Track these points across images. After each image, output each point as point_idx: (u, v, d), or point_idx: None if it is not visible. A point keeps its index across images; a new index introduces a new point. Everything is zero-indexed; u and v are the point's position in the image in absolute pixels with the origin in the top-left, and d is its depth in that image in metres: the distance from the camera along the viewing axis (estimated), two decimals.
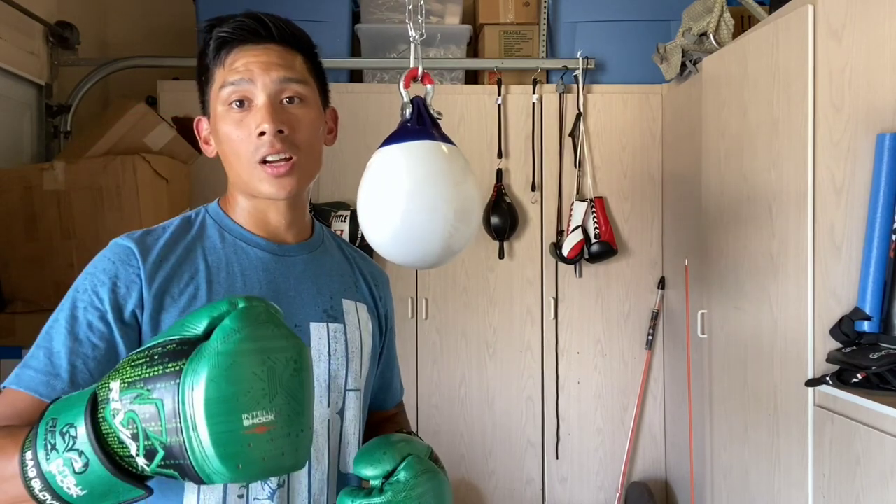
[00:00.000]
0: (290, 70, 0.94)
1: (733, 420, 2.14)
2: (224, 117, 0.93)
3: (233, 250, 0.96)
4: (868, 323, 1.62)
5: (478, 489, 2.95)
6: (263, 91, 0.92)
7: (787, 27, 1.82)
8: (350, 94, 2.88)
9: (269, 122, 0.90)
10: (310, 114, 0.96)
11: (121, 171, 2.23)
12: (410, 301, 2.91)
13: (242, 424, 0.59)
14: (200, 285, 0.91)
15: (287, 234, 1.01)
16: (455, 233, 1.22)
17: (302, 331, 0.96)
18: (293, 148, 0.92)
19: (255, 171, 0.92)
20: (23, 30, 2.59)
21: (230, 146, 0.94)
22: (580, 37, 3.00)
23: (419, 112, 1.28)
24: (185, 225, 0.98)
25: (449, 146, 1.24)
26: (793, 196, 1.79)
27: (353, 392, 1.00)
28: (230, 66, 0.93)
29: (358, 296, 1.06)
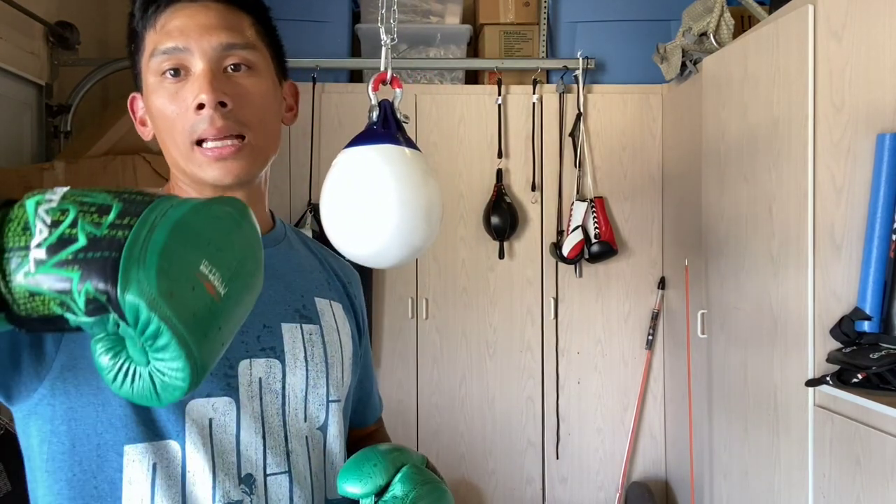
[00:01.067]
0: (235, 33, 0.79)
1: (733, 420, 2.14)
2: (156, 89, 0.78)
3: None
4: (868, 323, 1.62)
5: (478, 489, 2.95)
6: (202, 58, 0.77)
7: (787, 27, 1.82)
8: (350, 94, 2.88)
9: (207, 91, 0.75)
10: (260, 84, 0.81)
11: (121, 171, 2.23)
12: (410, 301, 2.91)
13: (199, 267, 0.49)
14: None
15: None
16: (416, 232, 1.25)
17: (273, 332, 0.82)
18: (239, 125, 0.78)
19: (192, 154, 0.78)
20: (23, 30, 2.59)
21: (164, 123, 0.79)
22: (580, 37, 3.00)
23: (385, 115, 1.33)
24: None
25: (412, 151, 1.29)
26: (793, 196, 1.79)
27: (335, 403, 0.86)
28: (162, 29, 0.78)
29: (332, 294, 0.93)
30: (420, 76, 3.02)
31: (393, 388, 2.89)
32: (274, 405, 0.80)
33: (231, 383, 0.77)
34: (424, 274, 2.93)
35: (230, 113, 0.77)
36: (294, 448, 0.81)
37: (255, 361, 0.79)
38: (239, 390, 0.77)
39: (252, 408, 0.78)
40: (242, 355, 0.78)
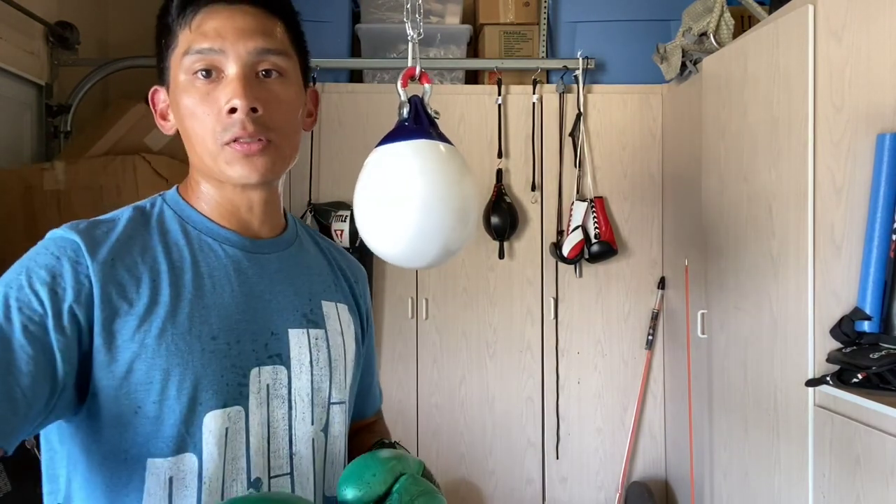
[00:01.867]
0: (270, 39, 0.80)
1: (733, 420, 2.14)
2: (187, 88, 0.79)
3: (198, 246, 0.82)
4: (868, 323, 1.62)
5: (478, 489, 2.95)
6: (236, 62, 0.78)
7: (787, 27, 1.82)
8: (350, 94, 2.88)
9: (241, 97, 0.77)
10: (289, 91, 0.83)
11: (121, 171, 2.23)
12: (410, 301, 2.91)
13: None
14: (162, 290, 0.77)
15: (261, 227, 0.87)
16: (452, 233, 1.22)
17: (280, 339, 0.84)
18: (266, 130, 0.79)
19: (221, 153, 0.79)
20: (23, 30, 2.59)
21: (193, 123, 0.79)
22: (580, 37, 3.00)
23: (417, 111, 1.29)
24: (140, 216, 0.84)
25: (446, 145, 1.25)
26: (793, 196, 1.79)
27: (337, 405, 0.89)
28: (197, 28, 0.79)
29: (338, 296, 0.95)
30: None
31: (393, 388, 2.89)
32: (280, 410, 0.82)
33: (243, 392, 0.79)
34: (424, 274, 2.93)
35: (259, 118, 0.78)
36: (298, 450, 0.83)
37: (262, 369, 0.81)
38: (249, 398, 0.79)
39: (260, 414, 0.80)
40: (252, 364, 0.80)
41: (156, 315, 0.75)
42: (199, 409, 0.75)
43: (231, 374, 0.78)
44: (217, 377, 0.77)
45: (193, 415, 0.75)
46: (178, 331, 0.76)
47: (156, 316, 0.75)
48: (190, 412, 0.74)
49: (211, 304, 0.79)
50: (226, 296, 0.80)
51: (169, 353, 0.74)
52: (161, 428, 0.74)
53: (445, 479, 2.91)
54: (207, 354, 0.76)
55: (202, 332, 0.77)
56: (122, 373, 0.73)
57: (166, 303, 0.76)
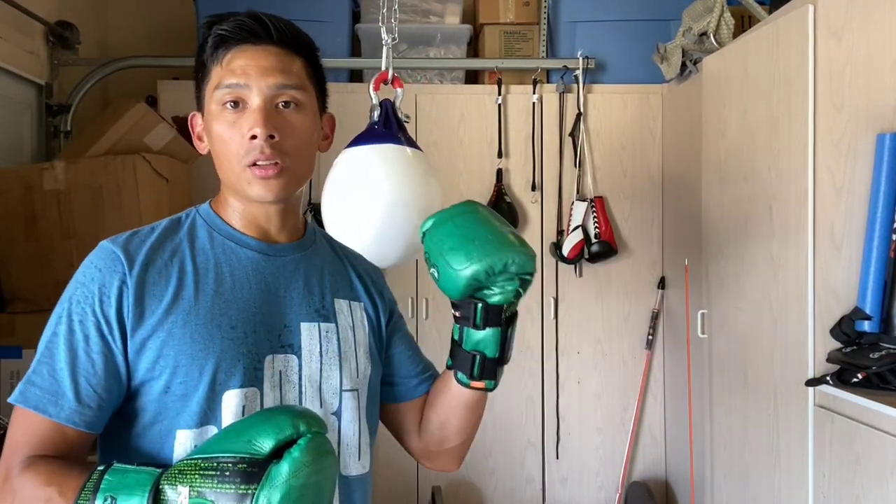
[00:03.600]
0: (288, 75, 0.92)
1: (733, 420, 2.14)
2: (217, 117, 0.92)
3: (222, 251, 0.95)
4: (868, 323, 1.62)
5: (478, 489, 2.95)
6: (259, 95, 0.90)
7: (787, 27, 1.82)
8: (350, 94, 2.88)
9: (261, 126, 0.89)
10: (304, 120, 0.94)
11: (121, 171, 2.23)
12: (410, 301, 2.91)
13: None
14: (187, 286, 0.90)
15: (279, 234, 0.99)
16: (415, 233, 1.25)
17: (293, 331, 0.95)
18: (282, 154, 0.91)
19: (243, 174, 0.91)
20: (23, 30, 2.59)
21: (221, 146, 0.92)
22: (580, 37, 2.99)
23: (387, 115, 1.32)
24: (174, 226, 0.97)
25: (413, 150, 1.28)
26: (793, 196, 1.79)
27: (349, 392, 0.98)
28: (227, 66, 0.92)
29: (352, 294, 1.05)
30: (420, 76, 3.02)
31: None
32: (292, 394, 0.93)
33: (258, 375, 0.90)
34: (424, 274, 2.92)
35: (276, 144, 0.90)
36: None
37: (276, 357, 0.92)
38: (264, 381, 0.90)
39: (273, 396, 0.91)
40: (267, 351, 0.92)
41: (181, 308, 0.88)
42: (218, 388, 0.87)
43: (248, 359, 0.89)
44: (235, 361, 0.88)
45: (214, 393, 0.86)
46: (201, 321, 0.88)
47: (181, 309, 0.88)
48: (211, 391, 0.86)
49: (231, 299, 0.91)
50: (244, 292, 0.92)
51: (193, 339, 0.86)
52: (188, 404, 0.85)
53: (446, 479, 2.91)
54: (227, 342, 0.88)
55: (222, 322, 0.89)
56: (154, 357, 0.85)
57: (190, 297, 0.89)
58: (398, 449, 1.14)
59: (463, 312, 0.99)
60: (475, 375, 1.01)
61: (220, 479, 0.69)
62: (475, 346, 0.99)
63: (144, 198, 2.24)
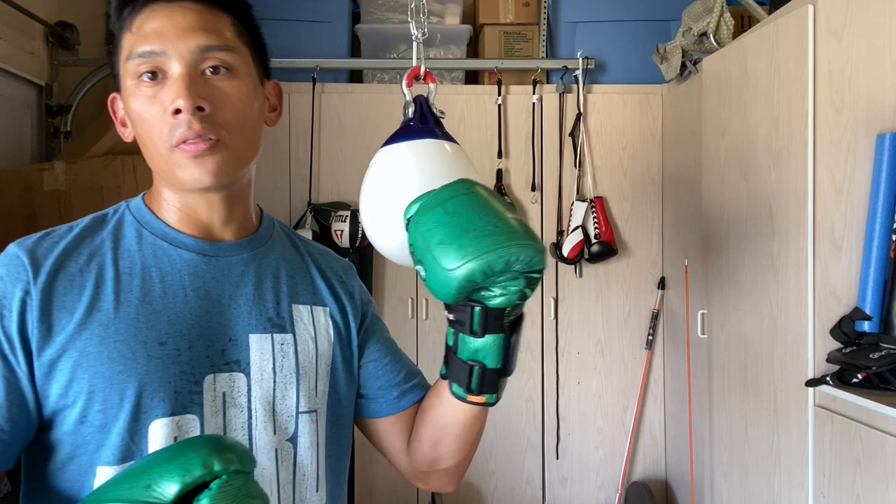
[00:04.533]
0: (214, 35, 0.78)
1: (733, 420, 2.14)
2: (134, 93, 0.78)
3: (151, 252, 0.81)
4: (868, 323, 1.62)
5: (478, 489, 2.95)
6: (179, 61, 0.76)
7: (787, 27, 1.82)
8: (350, 94, 2.88)
9: (184, 97, 0.74)
10: (239, 87, 0.80)
11: (121, 171, 2.23)
12: (410, 301, 2.91)
13: None
14: (105, 296, 0.76)
15: (223, 230, 0.85)
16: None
17: (239, 345, 0.81)
18: (216, 127, 0.77)
19: (172, 157, 0.77)
20: (23, 30, 2.59)
21: (143, 127, 0.78)
22: (580, 37, 3.00)
23: (422, 111, 1.28)
24: (97, 224, 0.83)
25: (452, 145, 1.25)
26: (793, 196, 1.79)
27: (306, 414, 0.84)
28: (138, 30, 0.77)
29: (314, 299, 0.90)
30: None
31: None
32: (239, 419, 0.80)
33: (195, 400, 0.77)
34: None
35: (208, 117, 0.76)
36: (261, 461, 0.80)
37: (218, 376, 0.79)
38: (203, 406, 0.77)
39: (216, 423, 0.78)
40: (207, 370, 0.78)
41: (97, 322, 0.75)
42: (143, 416, 0.74)
43: (181, 381, 0.76)
44: (164, 384, 0.75)
45: (137, 423, 0.73)
46: (121, 336, 0.75)
47: (97, 323, 0.75)
48: (134, 420, 0.73)
49: (160, 310, 0.78)
50: (178, 301, 0.79)
51: (111, 360, 0.73)
52: (107, 436, 0.73)
53: None
54: (154, 361, 0.75)
55: (148, 338, 0.76)
56: (66, 381, 0.73)
57: (109, 309, 0.76)
58: None
59: (458, 316, 0.79)
60: (473, 389, 0.81)
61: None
62: (473, 356, 0.79)
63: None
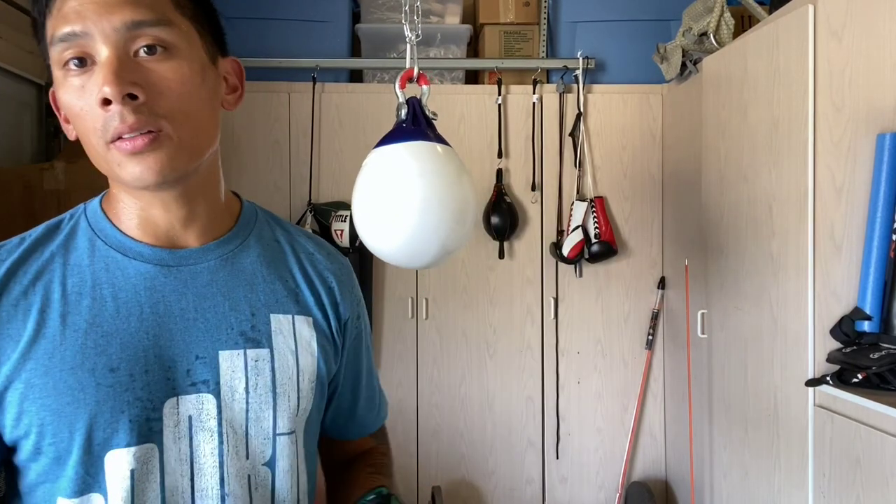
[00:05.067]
0: (143, 9, 0.67)
1: (733, 420, 2.14)
2: (62, 84, 0.68)
3: (103, 266, 0.73)
4: (868, 323, 1.62)
5: (478, 489, 2.95)
6: (105, 42, 0.66)
7: (787, 27, 1.82)
8: (350, 94, 2.88)
9: (111, 83, 0.64)
10: (180, 67, 0.69)
11: None
12: (410, 301, 2.91)
13: None
14: (51, 320, 0.69)
15: (185, 235, 0.77)
16: (450, 233, 1.22)
17: (208, 363, 0.74)
18: (156, 117, 0.67)
19: (109, 154, 0.68)
20: (23, 30, 2.58)
21: (76, 122, 0.69)
22: (580, 37, 3.00)
23: (415, 113, 1.29)
24: (48, 234, 0.76)
25: (444, 147, 1.26)
26: (793, 196, 1.79)
27: (285, 437, 0.78)
28: (58, 12, 0.67)
29: (297, 307, 0.81)
30: None
31: (393, 388, 2.89)
32: (208, 444, 0.73)
33: (154, 427, 0.71)
34: (424, 274, 2.93)
35: (143, 106, 0.67)
36: (232, 490, 0.75)
37: (183, 399, 0.72)
38: (163, 433, 0.71)
39: (178, 450, 0.72)
40: (168, 394, 0.72)
41: (41, 350, 0.69)
42: (95, 448, 0.69)
43: (135, 408, 0.70)
44: (117, 413, 0.69)
45: (91, 456, 0.69)
46: (67, 366, 0.68)
47: (41, 351, 0.69)
48: (86, 453, 0.68)
49: (112, 332, 0.71)
50: (133, 320, 0.72)
51: (57, 391, 0.68)
52: (63, 469, 0.69)
53: (446, 479, 2.91)
54: (104, 389, 0.69)
55: (97, 364, 0.69)
56: (16, 413, 0.68)
57: (54, 336, 0.69)
58: (398, 449, 1.12)
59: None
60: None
61: None
62: None
63: None
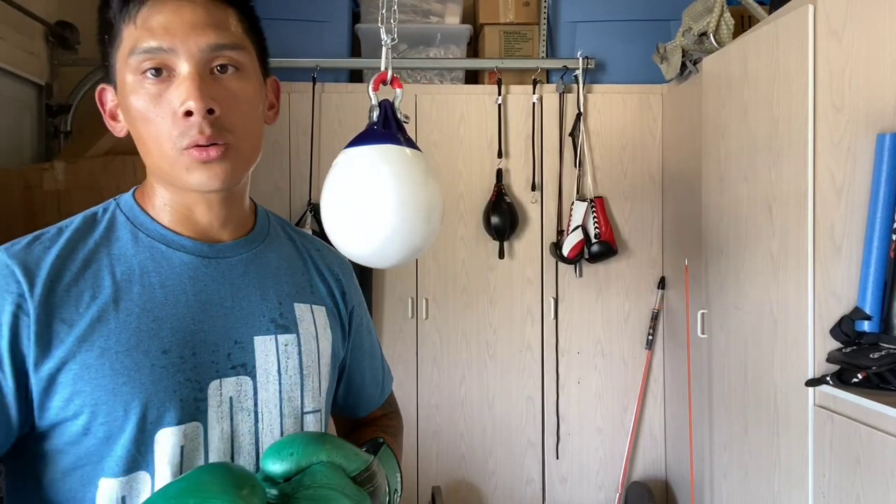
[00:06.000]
0: (223, 32, 0.75)
1: (733, 420, 2.14)
2: (136, 89, 0.74)
3: (149, 256, 0.78)
4: (868, 323, 1.62)
5: (478, 489, 2.95)
6: (189, 60, 0.73)
7: (787, 27, 1.82)
8: (350, 94, 2.88)
9: (196, 98, 0.71)
10: (248, 87, 0.78)
11: (121, 171, 2.23)
12: (410, 301, 2.91)
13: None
14: (106, 307, 0.74)
15: (221, 231, 0.83)
16: (417, 233, 1.25)
17: (244, 348, 0.79)
18: (225, 132, 0.74)
19: (179, 159, 0.74)
20: (23, 30, 2.59)
21: (146, 127, 0.74)
22: (580, 37, 3.00)
23: (386, 115, 1.33)
24: (88, 226, 0.79)
25: (412, 150, 1.29)
26: (793, 196, 1.79)
27: (311, 415, 0.85)
28: (143, 24, 0.73)
29: (314, 297, 0.90)
30: (420, 76, 3.02)
31: (393, 388, 2.89)
32: (246, 423, 0.78)
33: (200, 407, 0.75)
34: (424, 274, 2.93)
35: (217, 120, 0.74)
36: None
37: (224, 381, 0.77)
38: (208, 413, 0.75)
39: (221, 429, 0.76)
40: (212, 376, 0.76)
41: (98, 333, 0.72)
42: (149, 427, 0.72)
43: (186, 389, 0.74)
44: (169, 393, 0.73)
45: (144, 434, 0.72)
46: (123, 348, 0.72)
47: (98, 335, 0.72)
48: (140, 431, 0.71)
49: (163, 317, 0.75)
50: (180, 306, 0.77)
51: (114, 371, 0.71)
52: (112, 448, 0.71)
53: (446, 479, 2.91)
54: (158, 370, 0.73)
55: (151, 346, 0.73)
56: (67, 394, 0.70)
57: (108, 319, 0.73)
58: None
59: None
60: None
61: None
62: None
63: None
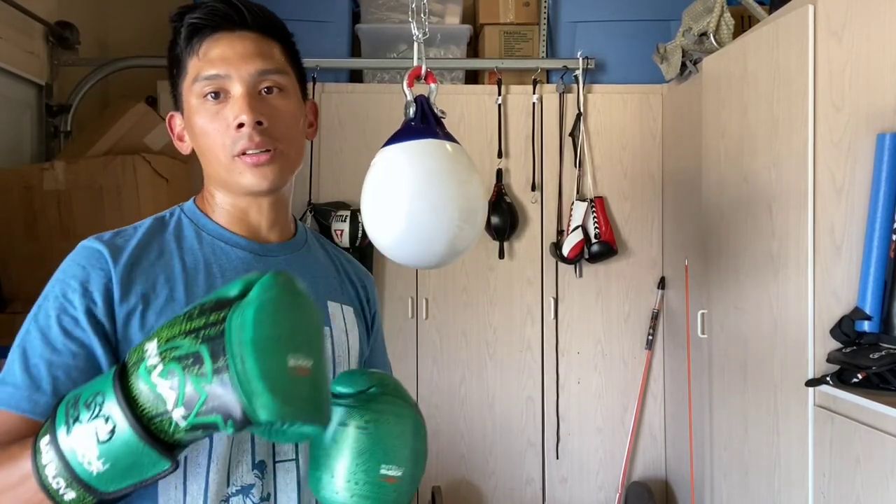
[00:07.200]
0: (269, 60, 0.90)
1: (733, 420, 2.14)
2: (199, 110, 0.89)
3: (211, 250, 0.92)
4: (868, 323, 1.62)
5: (478, 489, 2.95)
6: (241, 83, 0.88)
7: (787, 27, 1.82)
8: (350, 94, 2.88)
9: (247, 112, 0.86)
10: (289, 104, 0.92)
11: (121, 171, 2.23)
12: (410, 301, 2.91)
13: (287, 364, 0.62)
14: (177, 288, 0.87)
15: (269, 233, 0.97)
16: (460, 232, 1.21)
17: None
18: (273, 140, 0.89)
19: (233, 165, 0.89)
20: (23, 30, 2.59)
21: (206, 140, 0.90)
22: (580, 37, 2.99)
23: (423, 111, 1.27)
24: (159, 225, 0.94)
25: (453, 145, 1.24)
26: (793, 196, 1.79)
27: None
28: (204, 56, 0.89)
29: (344, 298, 1.03)
30: None
31: None
32: None
33: None
34: (424, 274, 2.93)
35: (265, 130, 0.88)
36: (303, 452, 0.91)
37: None
38: None
39: None
40: None
41: (171, 310, 0.84)
42: None
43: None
44: None
45: None
46: None
47: (169, 309, 0.84)
48: None
49: None
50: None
51: None
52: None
53: (446, 479, 2.91)
54: None
55: None
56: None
57: (180, 299, 0.86)
58: None
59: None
60: None
61: (189, 320, 0.63)
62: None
63: (144, 198, 2.24)
